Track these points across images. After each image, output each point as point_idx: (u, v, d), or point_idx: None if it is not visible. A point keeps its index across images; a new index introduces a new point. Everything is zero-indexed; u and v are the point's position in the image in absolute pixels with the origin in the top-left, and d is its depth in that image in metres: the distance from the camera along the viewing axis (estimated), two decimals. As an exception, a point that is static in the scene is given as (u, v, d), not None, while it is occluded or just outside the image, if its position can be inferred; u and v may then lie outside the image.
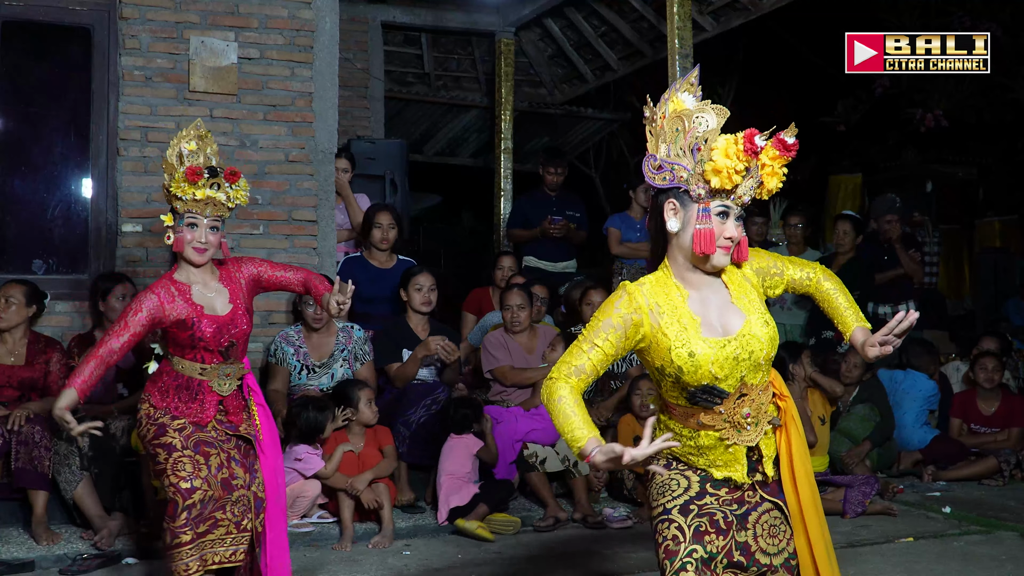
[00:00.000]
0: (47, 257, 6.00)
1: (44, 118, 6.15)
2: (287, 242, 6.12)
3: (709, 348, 2.59)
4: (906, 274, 7.69)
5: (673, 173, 2.62)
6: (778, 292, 2.87)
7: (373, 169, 7.54)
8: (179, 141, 3.74)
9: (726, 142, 2.53)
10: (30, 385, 5.18)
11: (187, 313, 3.68)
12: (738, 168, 2.51)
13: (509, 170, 9.03)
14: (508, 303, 6.14)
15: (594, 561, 4.78)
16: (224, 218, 3.75)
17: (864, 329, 2.78)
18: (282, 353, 5.74)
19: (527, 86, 10.46)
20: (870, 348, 2.72)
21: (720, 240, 2.59)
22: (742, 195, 2.58)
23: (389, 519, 5.13)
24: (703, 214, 2.58)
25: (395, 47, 9.88)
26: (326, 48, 6.29)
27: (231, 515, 3.73)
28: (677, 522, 2.63)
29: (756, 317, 2.67)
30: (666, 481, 2.71)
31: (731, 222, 2.60)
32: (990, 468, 6.62)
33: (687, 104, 2.62)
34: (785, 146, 2.56)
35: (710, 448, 2.69)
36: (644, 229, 8.07)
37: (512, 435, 5.69)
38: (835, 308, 2.86)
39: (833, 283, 2.89)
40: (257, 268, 3.92)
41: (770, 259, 2.86)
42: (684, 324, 2.61)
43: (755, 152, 2.51)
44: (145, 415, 3.78)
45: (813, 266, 2.91)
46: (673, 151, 2.62)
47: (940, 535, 5.30)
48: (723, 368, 2.60)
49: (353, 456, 5.27)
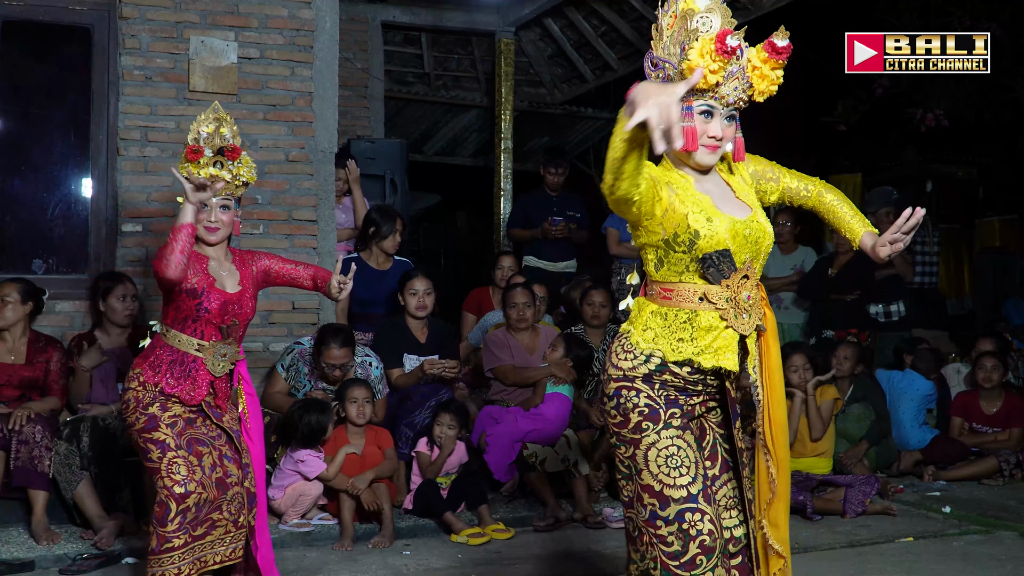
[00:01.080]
0: (47, 257, 6.00)
1: (44, 118, 6.15)
2: (287, 242, 6.11)
3: (726, 219, 2.64)
4: (897, 273, 7.71)
5: (664, 71, 2.66)
6: (772, 199, 2.93)
7: (373, 169, 7.54)
8: (198, 124, 3.84)
9: (702, 40, 2.56)
10: (30, 384, 5.17)
11: (199, 281, 3.75)
12: (711, 67, 2.53)
13: (509, 170, 9.03)
14: (514, 301, 6.14)
15: (594, 561, 4.78)
16: (236, 196, 3.85)
17: (872, 233, 2.86)
18: (295, 371, 5.60)
19: (527, 86, 10.47)
20: (881, 248, 2.79)
21: (703, 138, 2.64)
22: (726, 95, 2.61)
23: (389, 519, 5.13)
24: (686, 112, 2.61)
25: (395, 47, 9.88)
26: (326, 48, 6.29)
27: (227, 514, 3.74)
28: (709, 514, 2.62)
29: (760, 212, 2.75)
30: (668, 452, 2.65)
31: (717, 121, 2.63)
32: (990, 468, 6.62)
33: (698, 4, 2.64)
34: (775, 49, 2.61)
35: (705, 331, 2.68)
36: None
37: (512, 435, 5.68)
38: (840, 218, 2.92)
39: (835, 195, 2.96)
40: (269, 261, 4.02)
41: (766, 164, 2.93)
42: (696, 199, 2.65)
43: (726, 52, 2.53)
44: (134, 398, 3.74)
45: (813, 180, 2.97)
46: (668, 49, 2.65)
47: (940, 535, 5.30)
48: (735, 240, 2.64)
49: (356, 457, 5.27)
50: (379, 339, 6.00)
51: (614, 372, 2.72)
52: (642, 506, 2.66)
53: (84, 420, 5.12)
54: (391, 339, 5.99)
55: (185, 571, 3.62)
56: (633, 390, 2.67)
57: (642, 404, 2.66)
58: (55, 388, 5.22)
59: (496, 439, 5.67)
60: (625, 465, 2.73)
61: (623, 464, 2.75)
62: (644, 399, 2.66)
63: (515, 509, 5.66)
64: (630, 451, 2.68)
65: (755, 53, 2.61)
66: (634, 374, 2.68)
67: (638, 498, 2.68)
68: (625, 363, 2.70)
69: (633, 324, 2.76)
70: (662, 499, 2.61)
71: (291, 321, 6.10)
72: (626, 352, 2.71)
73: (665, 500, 2.61)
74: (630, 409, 2.66)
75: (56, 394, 5.22)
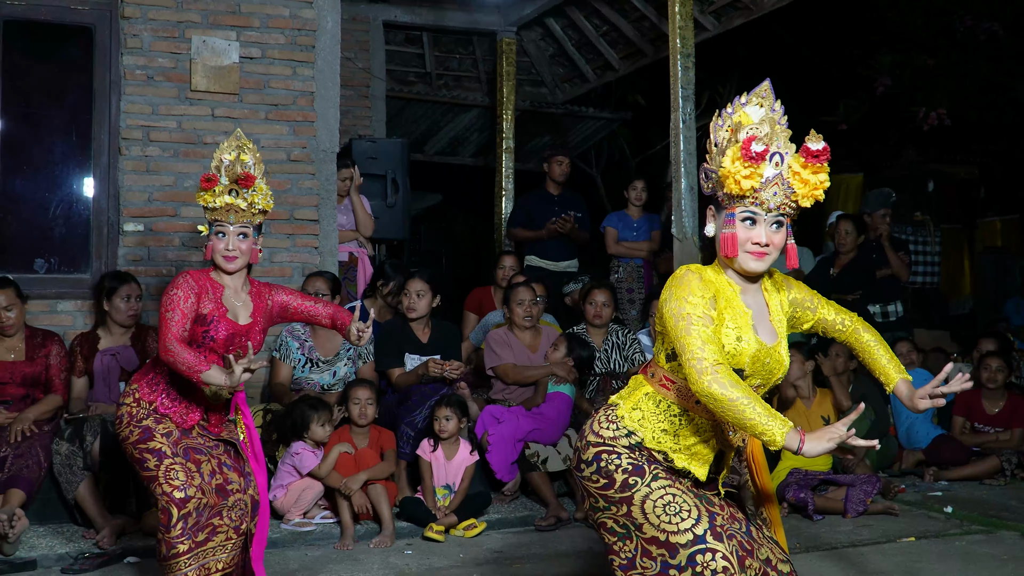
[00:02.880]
0: (49, 256, 6.00)
1: (45, 117, 6.15)
2: (288, 241, 6.12)
3: (753, 343, 2.63)
4: (894, 274, 7.71)
5: (712, 180, 2.68)
6: (805, 328, 2.92)
7: (374, 168, 7.54)
8: (220, 152, 3.79)
9: (733, 148, 2.56)
10: (32, 380, 5.18)
11: (211, 309, 3.72)
12: (743, 173, 2.53)
13: (510, 169, 9.03)
14: (520, 298, 6.12)
15: (596, 561, 4.78)
16: (254, 224, 3.78)
17: (907, 382, 2.85)
18: (286, 348, 5.79)
19: (528, 85, 10.46)
20: (920, 401, 2.77)
21: (747, 245, 2.62)
22: (767, 200, 2.58)
23: (389, 519, 5.12)
24: (728, 219, 2.63)
25: (396, 46, 9.88)
26: (327, 47, 6.29)
27: (228, 520, 3.72)
28: (720, 551, 2.56)
29: (784, 343, 2.74)
30: (664, 500, 2.61)
31: (760, 228, 2.60)
32: (992, 468, 6.62)
33: (752, 116, 2.64)
34: (810, 153, 2.57)
35: (691, 434, 2.68)
36: (641, 228, 8.08)
37: (514, 435, 5.68)
38: (875, 360, 2.91)
39: (871, 335, 2.93)
40: (287, 297, 3.98)
41: (808, 293, 2.90)
42: (737, 312, 2.64)
43: (751, 158, 2.52)
44: (127, 413, 3.73)
45: (850, 314, 2.95)
46: (716, 160, 2.66)
47: (942, 535, 5.30)
48: (753, 366, 2.64)
49: (350, 457, 5.26)
50: (380, 339, 6.01)
51: (593, 439, 2.70)
52: (650, 560, 2.60)
53: (90, 421, 5.09)
54: (392, 339, 6.00)
55: None
56: (614, 453, 2.65)
57: (624, 464, 2.63)
58: (56, 383, 5.23)
59: (498, 439, 5.67)
60: (620, 525, 2.66)
61: (617, 525, 2.66)
62: (626, 460, 2.64)
63: (517, 509, 5.66)
64: (623, 509, 2.63)
65: (795, 159, 2.58)
66: (614, 443, 2.67)
67: (644, 554, 2.62)
68: (606, 432, 2.69)
69: (623, 399, 2.75)
70: (670, 548, 2.57)
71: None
72: (609, 422, 2.70)
73: (673, 548, 2.56)
74: (613, 471, 2.64)
75: (58, 390, 5.23)
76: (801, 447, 2.41)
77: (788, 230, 2.65)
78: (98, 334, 5.49)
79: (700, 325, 2.52)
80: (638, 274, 8.00)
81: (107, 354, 5.42)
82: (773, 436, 2.40)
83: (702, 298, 2.56)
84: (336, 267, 6.35)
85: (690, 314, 2.53)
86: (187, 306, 3.64)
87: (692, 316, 2.52)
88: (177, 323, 3.61)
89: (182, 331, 3.61)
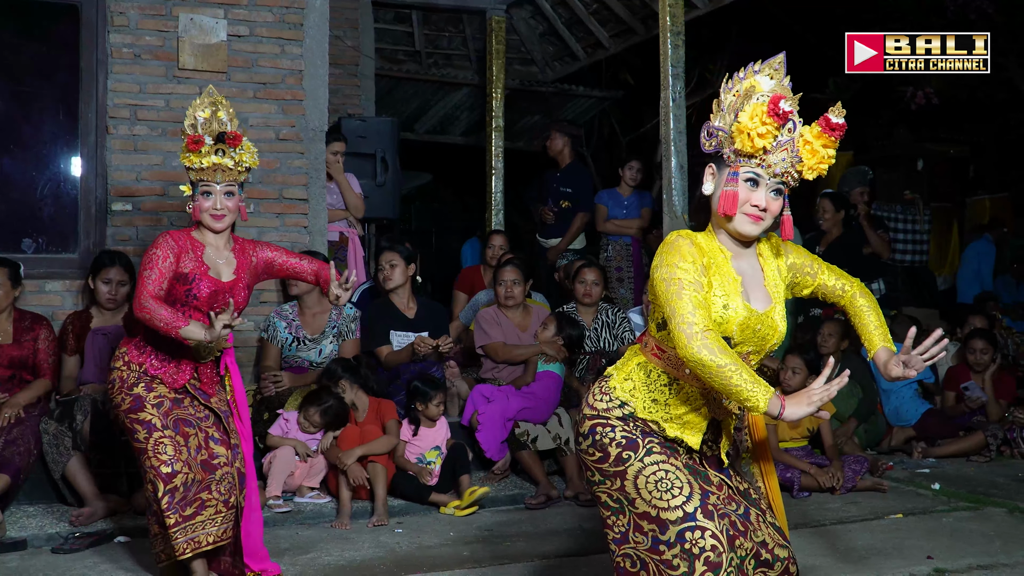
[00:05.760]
0: (36, 236, 5.98)
1: (32, 96, 6.11)
2: (278, 220, 6.10)
3: (741, 310, 2.62)
4: (875, 252, 7.74)
5: (717, 138, 2.65)
6: (805, 293, 2.90)
7: (364, 147, 7.52)
8: (193, 110, 3.79)
9: (754, 105, 2.54)
10: (20, 363, 5.16)
11: (192, 268, 3.75)
12: (760, 131, 2.51)
13: (500, 148, 8.99)
14: (503, 278, 6.14)
15: (585, 538, 4.80)
16: (239, 182, 3.82)
17: (887, 349, 2.82)
18: (274, 329, 5.82)
19: (518, 64, 10.41)
20: (894, 367, 2.75)
21: (745, 206, 2.61)
22: (773, 164, 2.57)
23: (383, 499, 5.12)
24: (731, 177, 2.61)
25: (386, 25, 9.83)
26: (316, 26, 6.25)
27: (217, 494, 3.74)
28: (710, 529, 2.55)
29: (780, 308, 2.72)
30: (657, 476, 2.60)
31: (762, 191, 2.60)
32: (978, 444, 6.67)
33: (763, 85, 2.62)
34: (830, 124, 2.57)
35: (681, 403, 2.69)
36: (631, 206, 8.08)
37: (504, 414, 5.70)
38: (864, 325, 2.89)
39: (867, 300, 2.91)
40: (272, 253, 4.00)
41: (808, 258, 2.89)
42: (726, 279, 2.63)
43: (777, 115, 2.51)
44: (119, 378, 3.78)
45: (851, 279, 2.93)
46: (724, 118, 2.64)
47: (929, 511, 5.33)
48: (742, 333, 2.63)
49: (355, 430, 5.29)
50: (368, 317, 6.02)
51: (589, 411, 2.72)
52: (642, 535, 2.61)
53: (81, 401, 5.08)
54: (377, 317, 6.00)
55: (180, 549, 3.64)
56: (608, 426, 2.66)
57: (618, 437, 2.64)
58: (44, 367, 5.21)
59: (488, 418, 5.69)
60: (614, 499, 2.67)
61: (611, 499, 2.67)
62: (620, 432, 2.65)
63: (507, 487, 5.68)
64: (617, 483, 2.64)
65: (808, 129, 2.57)
66: (608, 415, 2.68)
67: (636, 528, 2.63)
68: (600, 404, 2.70)
69: (618, 370, 2.76)
70: (660, 524, 2.57)
71: (280, 300, 6.10)
72: (603, 394, 2.72)
73: (663, 524, 2.57)
74: (607, 443, 2.65)
75: (46, 374, 5.21)
76: (782, 412, 2.44)
77: (785, 200, 2.65)
78: (91, 313, 5.47)
79: (691, 290, 2.52)
80: (627, 253, 8.01)
81: (99, 334, 5.39)
82: (756, 402, 2.43)
83: (693, 263, 2.56)
84: (326, 246, 6.33)
85: (681, 279, 2.53)
86: (165, 265, 3.68)
87: (683, 281, 2.52)
88: (154, 281, 3.65)
89: (158, 289, 3.65)
